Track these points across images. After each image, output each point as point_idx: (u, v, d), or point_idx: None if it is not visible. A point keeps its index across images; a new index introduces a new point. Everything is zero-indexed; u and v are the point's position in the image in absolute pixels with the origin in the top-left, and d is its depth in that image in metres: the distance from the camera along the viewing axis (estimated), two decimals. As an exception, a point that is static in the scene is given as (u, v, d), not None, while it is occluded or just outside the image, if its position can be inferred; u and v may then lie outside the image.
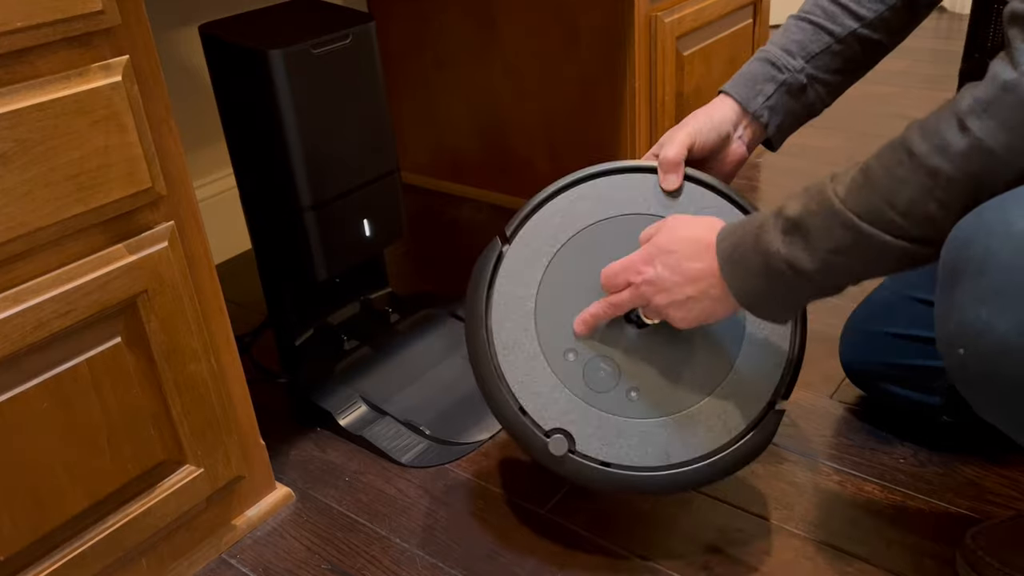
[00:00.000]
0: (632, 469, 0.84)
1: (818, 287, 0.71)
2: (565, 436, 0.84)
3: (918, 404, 1.01)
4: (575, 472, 0.85)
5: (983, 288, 0.59)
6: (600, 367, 0.85)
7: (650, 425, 0.84)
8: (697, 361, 0.84)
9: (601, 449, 0.84)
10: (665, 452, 0.83)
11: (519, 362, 0.86)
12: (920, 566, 0.88)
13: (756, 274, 0.72)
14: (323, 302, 1.25)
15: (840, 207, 0.67)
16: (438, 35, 1.70)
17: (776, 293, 0.72)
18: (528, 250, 0.88)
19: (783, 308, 0.75)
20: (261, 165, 1.09)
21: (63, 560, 0.81)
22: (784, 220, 0.70)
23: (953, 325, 0.62)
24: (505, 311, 0.87)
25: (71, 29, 0.70)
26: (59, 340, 0.75)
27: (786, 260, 0.70)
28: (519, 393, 0.85)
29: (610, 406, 0.85)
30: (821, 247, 0.68)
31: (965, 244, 0.61)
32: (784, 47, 0.88)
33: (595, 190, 0.88)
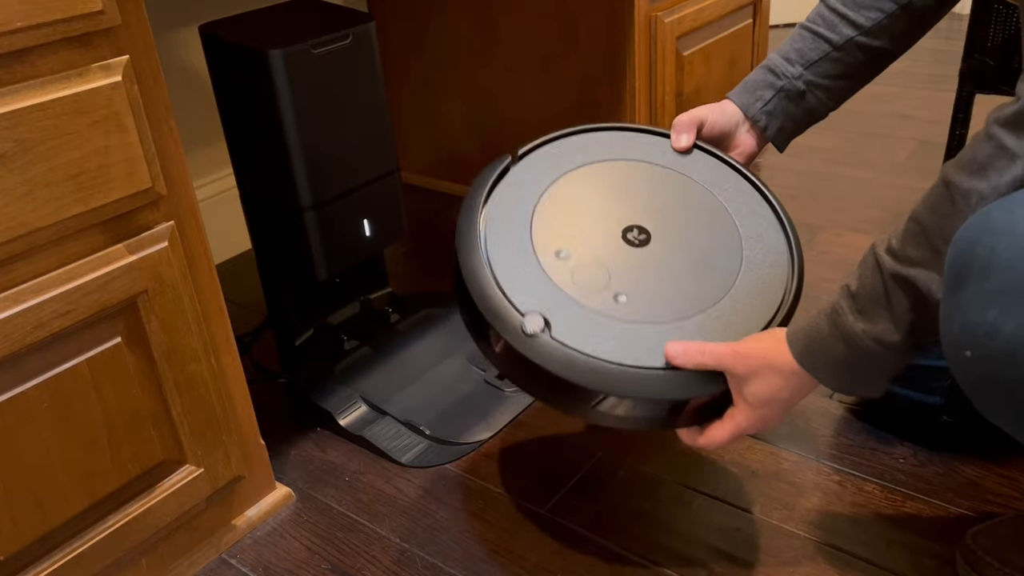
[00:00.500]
0: (610, 362, 0.77)
1: (909, 350, 0.70)
2: (542, 319, 0.79)
3: (918, 404, 1.01)
4: (544, 354, 0.77)
5: (989, 289, 0.59)
6: (589, 269, 0.83)
7: (633, 327, 0.79)
8: (692, 281, 0.83)
9: (575, 337, 0.78)
10: (645, 352, 0.78)
11: (508, 254, 0.83)
12: (920, 566, 0.88)
13: (845, 361, 0.72)
14: (323, 302, 1.25)
15: (895, 265, 0.68)
16: (438, 35, 1.70)
17: (868, 372, 0.72)
18: (536, 167, 0.89)
19: (880, 382, 0.74)
20: (261, 165, 1.09)
21: (63, 560, 0.81)
22: (852, 298, 0.72)
23: (958, 327, 0.62)
24: (502, 208, 0.86)
25: (71, 29, 0.70)
26: (59, 340, 0.75)
27: (875, 338, 0.70)
28: (502, 278, 0.81)
29: (595, 304, 0.80)
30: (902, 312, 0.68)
31: (970, 245, 0.61)
32: (784, 55, 0.92)
33: (611, 139, 0.93)
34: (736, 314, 0.81)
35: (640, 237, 0.85)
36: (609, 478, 1.03)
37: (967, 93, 1.36)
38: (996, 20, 1.26)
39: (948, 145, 1.43)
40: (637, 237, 0.85)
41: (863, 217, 1.59)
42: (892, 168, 1.79)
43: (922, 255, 0.66)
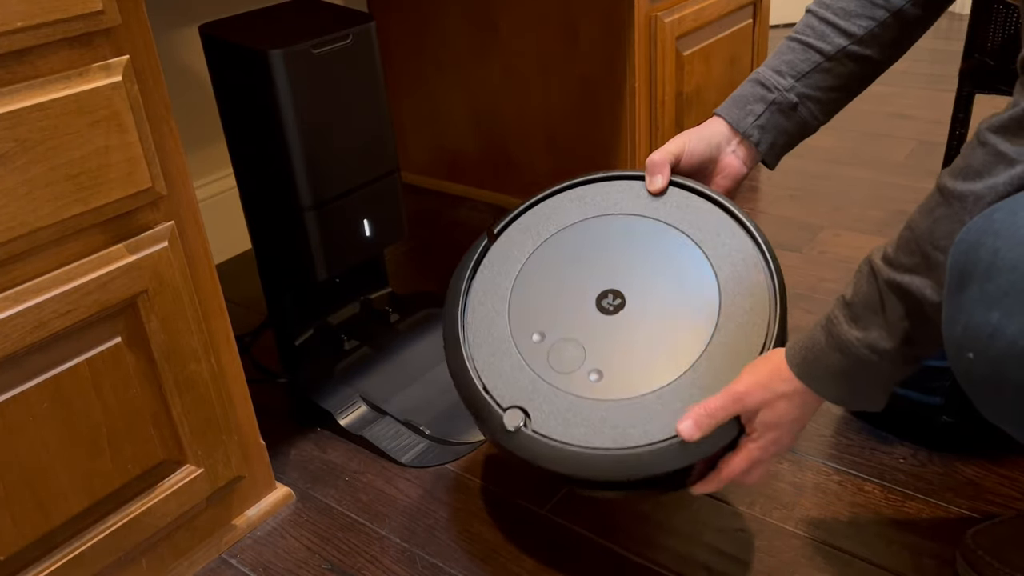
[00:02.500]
0: (587, 448, 0.79)
1: (904, 360, 0.70)
2: (522, 412, 0.81)
3: (918, 404, 1.01)
4: (527, 448, 0.80)
5: (992, 291, 0.59)
6: (565, 348, 0.84)
7: (608, 406, 0.80)
8: (665, 348, 0.82)
9: (556, 428, 0.80)
10: (622, 433, 0.79)
11: (487, 343, 0.86)
12: (920, 566, 0.88)
13: (842, 372, 0.72)
14: (323, 302, 1.25)
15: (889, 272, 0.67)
16: (438, 35, 1.70)
17: (864, 381, 0.72)
18: (512, 245, 0.90)
19: (879, 393, 0.74)
20: (261, 165, 1.09)
21: (63, 560, 0.81)
22: (846, 307, 0.71)
23: (961, 329, 0.62)
24: (482, 295, 0.88)
25: (71, 29, 0.70)
26: (59, 340, 0.75)
27: (869, 346, 0.69)
28: (484, 372, 0.85)
29: (570, 386, 0.82)
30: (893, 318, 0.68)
31: (973, 246, 0.61)
32: (774, 68, 0.89)
33: (583, 193, 0.91)
34: (711, 374, 0.80)
35: (615, 303, 0.85)
36: (609, 478, 1.03)
37: (967, 93, 1.36)
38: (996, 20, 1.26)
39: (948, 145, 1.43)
40: (612, 303, 0.85)
41: (863, 217, 1.59)
42: (892, 168, 1.79)
43: (914, 261, 0.66)
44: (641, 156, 1.55)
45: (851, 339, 0.70)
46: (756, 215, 1.61)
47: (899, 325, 0.68)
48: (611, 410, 0.80)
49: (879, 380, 0.72)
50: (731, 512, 0.96)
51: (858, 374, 0.71)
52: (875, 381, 0.72)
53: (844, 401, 0.74)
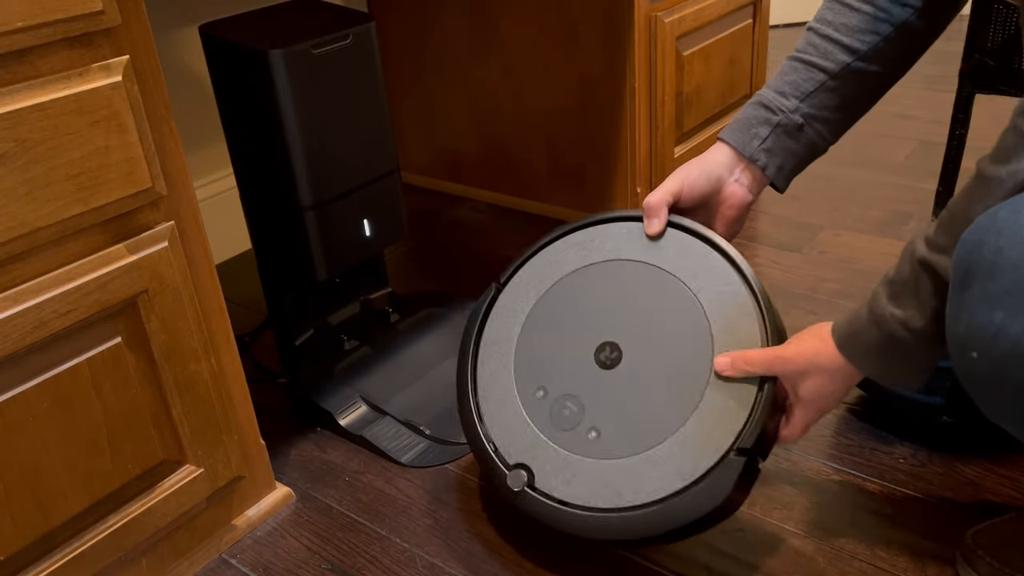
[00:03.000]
0: (584, 509, 0.83)
1: (935, 339, 0.70)
2: (525, 471, 0.86)
3: (919, 404, 1.01)
4: (531, 508, 0.85)
5: (995, 290, 0.59)
6: (566, 405, 0.87)
7: (605, 466, 0.83)
8: (659, 404, 0.83)
9: (558, 487, 0.84)
10: (617, 493, 0.82)
11: (494, 397, 0.90)
12: (920, 566, 0.88)
13: (879, 347, 0.73)
14: (323, 302, 1.25)
15: (924, 251, 0.68)
16: (438, 35, 1.70)
17: (902, 359, 0.73)
18: (517, 294, 0.93)
19: (916, 372, 0.74)
20: (261, 165, 1.09)
21: (63, 560, 0.81)
22: (888, 284, 0.72)
23: (964, 328, 0.62)
24: (490, 348, 0.93)
25: (71, 29, 0.70)
26: (59, 340, 0.75)
27: (900, 322, 0.70)
28: (491, 427, 0.89)
29: (570, 444, 0.85)
30: (925, 297, 0.68)
31: (977, 246, 0.60)
32: (778, 89, 0.87)
33: (585, 238, 0.92)
34: (702, 432, 0.81)
35: (612, 356, 0.87)
36: (609, 478, 1.03)
37: (967, 93, 1.36)
38: (996, 20, 1.26)
39: (948, 145, 1.43)
40: (609, 356, 0.87)
41: (863, 217, 1.59)
42: (892, 168, 1.79)
43: (948, 242, 0.66)
44: (641, 156, 1.55)
45: (887, 314, 0.71)
46: (756, 215, 1.62)
47: (929, 303, 0.68)
48: (607, 470, 0.83)
49: (913, 358, 0.73)
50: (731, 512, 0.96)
51: (893, 350, 0.72)
52: (909, 359, 0.73)
53: (880, 376, 0.76)
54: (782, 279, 1.40)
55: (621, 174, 1.58)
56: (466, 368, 0.93)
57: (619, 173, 1.58)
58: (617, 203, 1.61)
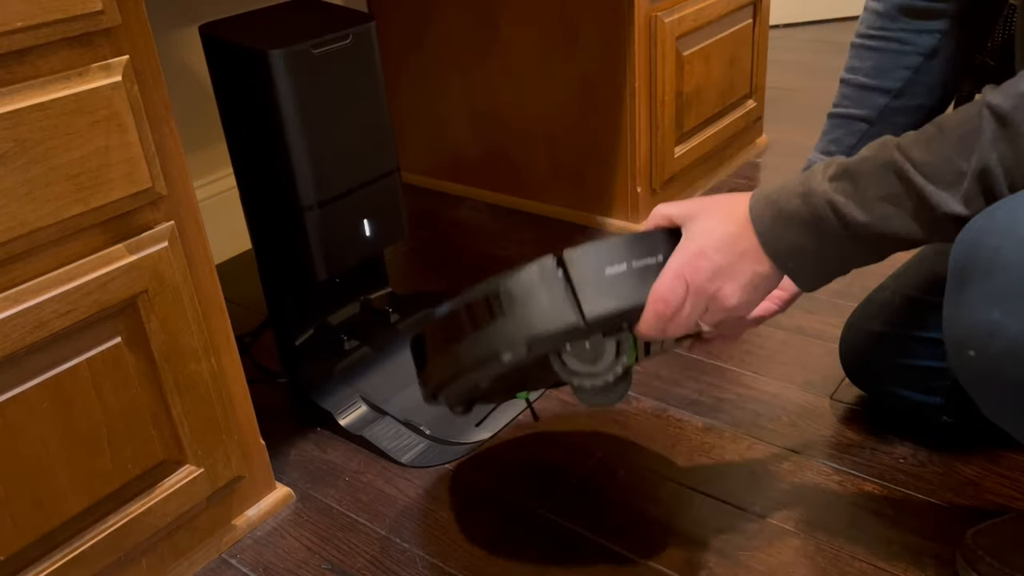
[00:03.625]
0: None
1: (860, 244, 0.64)
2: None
3: (918, 404, 1.01)
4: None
5: (993, 289, 0.59)
6: None
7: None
8: None
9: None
10: None
11: None
12: (920, 566, 0.88)
13: (795, 222, 0.65)
14: (323, 302, 1.25)
15: (898, 156, 0.61)
16: (438, 35, 1.70)
17: (814, 247, 0.65)
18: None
19: (820, 268, 0.66)
20: (261, 165, 1.09)
21: (63, 560, 0.81)
22: (835, 167, 0.64)
23: (962, 326, 0.61)
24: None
25: (71, 29, 0.70)
26: (59, 340, 0.75)
27: (831, 204, 0.63)
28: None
29: None
30: (871, 194, 0.62)
31: (975, 244, 0.60)
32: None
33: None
34: None
35: None
36: (609, 478, 1.03)
37: (967, 93, 1.36)
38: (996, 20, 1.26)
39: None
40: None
41: (863, 217, 1.59)
42: (892, 168, 1.78)
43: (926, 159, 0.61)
44: (641, 156, 1.55)
45: (818, 189, 0.64)
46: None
47: (876, 205, 0.62)
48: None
49: (825, 250, 0.65)
50: (731, 512, 0.96)
51: (807, 230, 0.65)
52: (819, 249, 0.65)
53: (776, 255, 0.66)
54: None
55: (621, 174, 1.58)
56: None
57: (619, 173, 1.58)
58: (617, 203, 1.61)
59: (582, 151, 1.61)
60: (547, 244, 1.60)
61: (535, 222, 1.69)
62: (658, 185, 1.60)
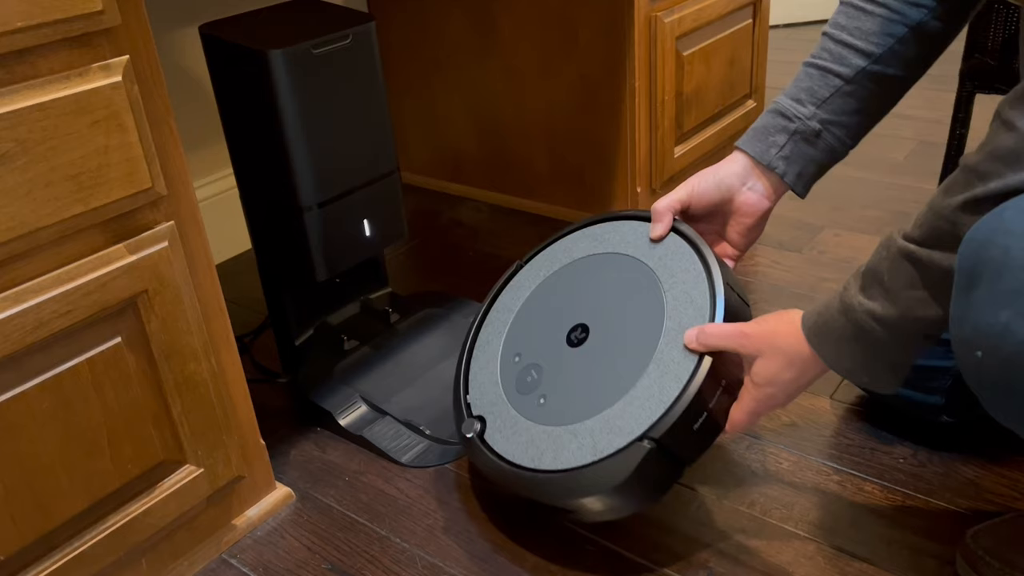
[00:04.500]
0: (509, 464, 0.88)
1: (907, 339, 0.69)
2: (480, 422, 0.93)
3: (918, 404, 1.01)
4: (473, 455, 0.93)
5: (1002, 290, 0.59)
6: (530, 372, 0.94)
7: (539, 430, 0.88)
8: (599, 384, 0.87)
9: (499, 441, 0.91)
10: (539, 456, 0.86)
11: (483, 356, 0.99)
12: (920, 566, 0.88)
13: (845, 338, 0.72)
14: (323, 302, 1.25)
15: (900, 241, 0.68)
16: (438, 35, 1.70)
17: (868, 354, 0.72)
18: (530, 274, 1.02)
19: (883, 371, 0.73)
20: (261, 165, 1.09)
21: (63, 560, 0.81)
22: (861, 276, 0.71)
23: (970, 328, 0.61)
24: (494, 316, 1.02)
25: (71, 29, 0.70)
26: (59, 340, 0.75)
27: (868, 312, 0.70)
28: (472, 380, 0.98)
29: (521, 406, 0.92)
30: (895, 288, 0.68)
31: (983, 245, 0.60)
32: (794, 96, 0.87)
33: (600, 231, 0.99)
34: (624, 415, 0.83)
35: (580, 336, 0.92)
36: (609, 478, 1.03)
37: (967, 93, 1.36)
38: (996, 20, 1.26)
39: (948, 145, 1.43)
40: (578, 336, 0.92)
41: (862, 217, 1.59)
42: (892, 168, 1.79)
43: (924, 236, 0.66)
44: (641, 156, 1.55)
45: (855, 303, 0.71)
46: (756, 215, 1.61)
47: (903, 296, 0.68)
48: (540, 434, 0.88)
49: (882, 353, 0.72)
50: (731, 512, 0.96)
51: (861, 343, 0.71)
52: (878, 354, 0.72)
53: (847, 372, 0.74)
54: (782, 279, 1.40)
55: (621, 174, 1.58)
56: (472, 328, 1.02)
57: (619, 173, 1.58)
58: (617, 203, 1.61)
59: (582, 151, 1.61)
60: (547, 244, 1.60)
61: (535, 222, 1.69)
62: (658, 185, 1.60)
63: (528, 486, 0.87)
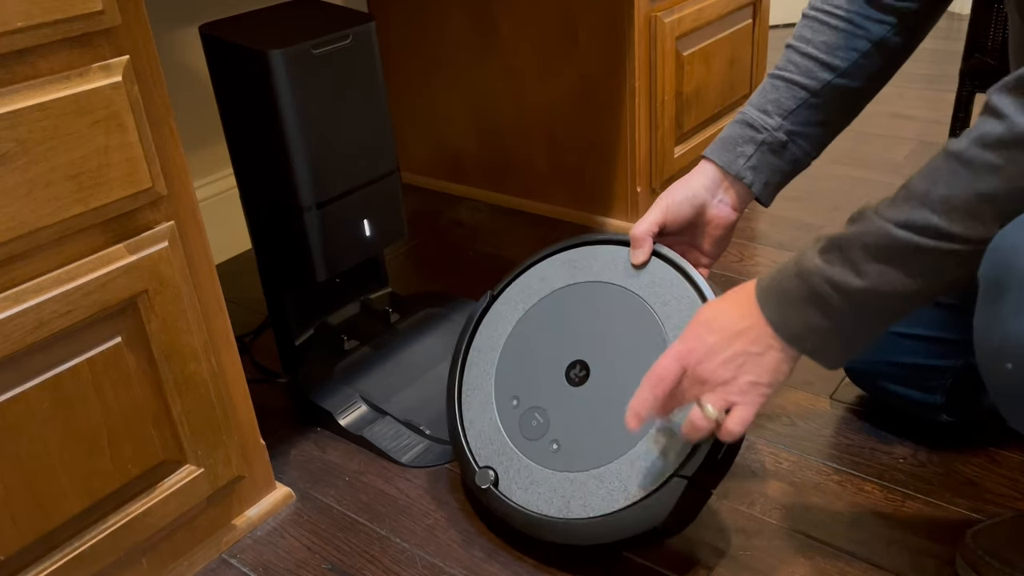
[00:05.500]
0: (537, 514, 0.88)
1: (869, 312, 0.67)
2: (493, 472, 0.92)
3: (918, 403, 1.01)
4: (495, 506, 0.92)
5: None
6: (534, 416, 0.92)
7: (560, 477, 0.88)
8: (615, 425, 0.86)
9: (517, 491, 0.90)
10: (566, 505, 0.87)
11: (475, 402, 0.97)
12: (920, 566, 0.88)
13: (798, 300, 0.70)
14: (323, 302, 1.25)
15: (875, 217, 0.65)
16: (438, 35, 1.70)
17: (826, 325, 0.69)
18: (507, 306, 0.99)
19: (832, 343, 0.71)
20: (261, 165, 1.09)
21: (63, 560, 0.81)
22: (824, 241, 0.69)
23: (998, 339, 0.60)
24: (477, 356, 0.99)
25: (71, 29, 0.70)
26: (59, 340, 0.75)
27: (826, 278, 0.67)
28: (469, 429, 0.96)
29: (533, 453, 0.91)
30: (860, 259, 0.66)
31: (1009, 254, 0.59)
32: (761, 107, 0.88)
33: (576, 256, 0.96)
34: (649, 457, 0.84)
35: (580, 375, 0.91)
36: (609, 478, 1.03)
37: (967, 93, 1.37)
38: (996, 20, 1.26)
39: (948, 145, 1.43)
40: (578, 375, 0.91)
41: (863, 217, 1.59)
42: (891, 168, 1.79)
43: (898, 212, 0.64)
44: (641, 156, 1.55)
45: (813, 267, 0.68)
46: (756, 215, 1.62)
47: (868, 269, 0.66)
48: (561, 482, 0.88)
49: (835, 324, 0.69)
50: (731, 512, 0.96)
51: (813, 308, 0.69)
52: (831, 324, 0.69)
53: (796, 339, 0.71)
54: (782, 279, 1.40)
55: (621, 174, 1.58)
56: (455, 373, 0.99)
57: (619, 173, 1.58)
58: (617, 203, 1.61)
59: (582, 151, 1.61)
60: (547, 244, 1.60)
61: (535, 222, 1.69)
62: (658, 185, 1.60)
63: (561, 534, 0.87)
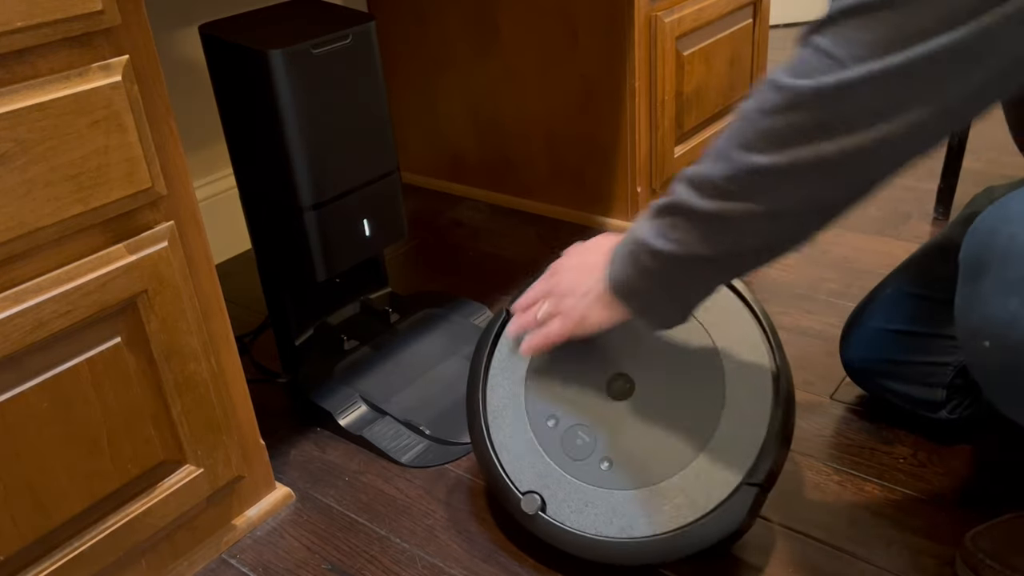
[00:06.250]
0: (596, 537, 0.85)
1: (685, 274, 0.68)
2: (539, 497, 0.87)
3: (919, 401, 1.01)
4: (545, 532, 0.88)
5: (1010, 278, 0.58)
6: (578, 435, 0.88)
7: (618, 497, 0.85)
8: (671, 437, 0.84)
9: (570, 516, 0.86)
10: (629, 524, 0.84)
11: (504, 425, 0.91)
12: (920, 566, 0.88)
13: (622, 259, 0.72)
14: (323, 302, 1.25)
15: (676, 181, 0.67)
16: (438, 35, 1.70)
17: (644, 285, 0.71)
18: None
19: (659, 304, 0.72)
20: (261, 165, 1.09)
21: (63, 560, 0.81)
22: (654, 204, 0.70)
23: (977, 317, 0.61)
24: (500, 375, 0.94)
25: (71, 29, 0.70)
26: (59, 340, 0.75)
27: (641, 240, 0.69)
28: (502, 453, 0.90)
29: (583, 475, 0.87)
30: (667, 222, 0.67)
31: (989, 234, 0.60)
32: None
33: None
34: (714, 467, 0.82)
35: (624, 387, 0.88)
36: (609, 478, 1.03)
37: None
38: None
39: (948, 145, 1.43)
40: (621, 388, 0.88)
41: (863, 217, 1.59)
42: (892, 168, 1.78)
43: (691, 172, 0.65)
44: (641, 156, 1.55)
45: (636, 228, 0.71)
46: (756, 215, 1.61)
47: (670, 232, 0.66)
48: (619, 501, 0.84)
49: (655, 286, 0.71)
50: (731, 512, 0.96)
51: (631, 267, 0.71)
52: (651, 286, 0.71)
53: (619, 291, 0.74)
54: (782, 279, 1.40)
55: (621, 174, 1.58)
56: (476, 395, 0.94)
57: (619, 173, 1.58)
58: (617, 203, 1.61)
59: (582, 151, 1.61)
60: (547, 244, 1.60)
61: (535, 222, 1.69)
62: (658, 185, 1.60)
63: (624, 555, 0.84)
